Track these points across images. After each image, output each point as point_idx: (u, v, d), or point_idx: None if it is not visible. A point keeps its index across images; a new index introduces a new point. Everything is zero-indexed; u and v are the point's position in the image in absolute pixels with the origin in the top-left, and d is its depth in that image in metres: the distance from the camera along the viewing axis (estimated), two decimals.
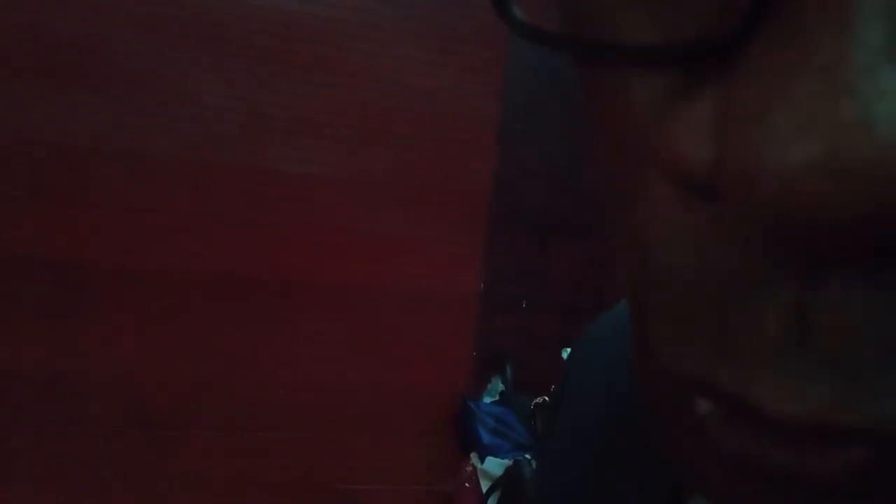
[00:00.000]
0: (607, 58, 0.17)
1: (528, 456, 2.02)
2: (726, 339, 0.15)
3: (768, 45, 0.13)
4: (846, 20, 0.12)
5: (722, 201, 0.14)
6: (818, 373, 0.14)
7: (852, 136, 0.11)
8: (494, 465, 2.08)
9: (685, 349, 0.16)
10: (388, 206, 2.25)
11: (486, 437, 2.14)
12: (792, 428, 0.15)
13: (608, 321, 0.41)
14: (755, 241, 0.14)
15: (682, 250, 0.16)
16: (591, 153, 0.21)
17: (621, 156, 0.18)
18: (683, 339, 0.16)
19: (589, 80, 0.19)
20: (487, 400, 2.34)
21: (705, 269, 0.15)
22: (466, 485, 2.16)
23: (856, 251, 0.13)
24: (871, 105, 0.11)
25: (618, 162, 0.18)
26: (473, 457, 2.17)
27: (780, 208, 0.12)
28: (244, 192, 2.13)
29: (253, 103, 2.13)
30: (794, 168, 0.12)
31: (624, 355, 0.22)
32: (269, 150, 2.15)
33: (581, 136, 2.30)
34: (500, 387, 2.36)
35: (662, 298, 0.17)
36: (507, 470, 2.02)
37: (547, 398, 2.14)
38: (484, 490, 2.07)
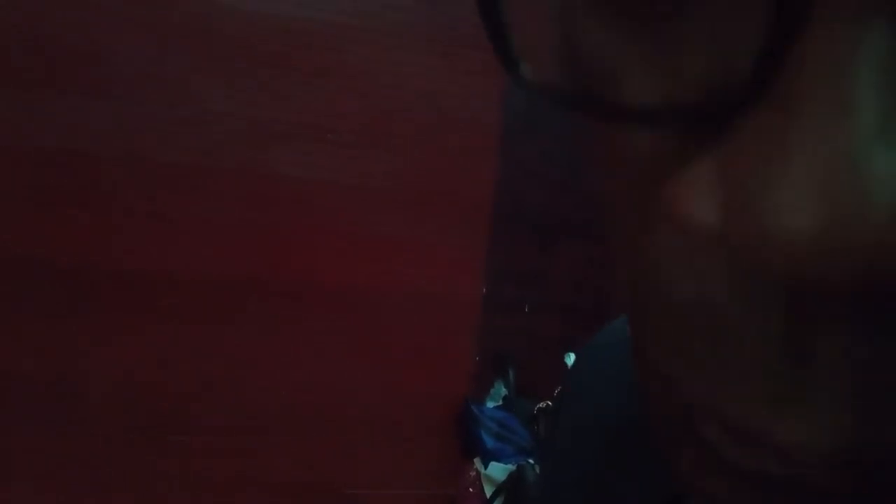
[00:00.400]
0: (611, 116, 0.17)
1: (531, 461, 2.01)
2: (726, 368, 0.16)
3: (768, 115, 0.13)
4: (844, 98, 0.12)
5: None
6: (819, 404, 0.14)
7: (850, 214, 0.12)
8: (498, 471, 2.08)
9: (685, 372, 0.17)
10: (389, 209, 2.25)
11: (489, 442, 2.13)
12: (796, 455, 0.15)
13: (613, 330, 0.42)
14: (755, 282, 0.14)
15: (681, 278, 0.16)
16: (591, 155, 0.21)
17: (624, 189, 0.18)
18: (683, 364, 0.17)
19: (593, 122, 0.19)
20: (490, 404, 2.33)
21: (706, 298, 0.15)
22: (470, 490, 2.15)
23: (855, 307, 0.13)
24: (867, 184, 0.12)
25: (620, 194, 0.19)
26: (477, 462, 2.16)
27: (782, 277, 0.13)
28: (245, 194, 2.14)
29: (254, 107, 2.13)
30: (796, 241, 0.13)
31: (626, 357, 0.22)
32: (271, 153, 2.15)
33: (581, 136, 2.29)
34: (503, 391, 2.35)
35: (662, 321, 0.17)
36: (511, 475, 2.02)
37: (549, 403, 2.14)
38: (488, 495, 2.06)
